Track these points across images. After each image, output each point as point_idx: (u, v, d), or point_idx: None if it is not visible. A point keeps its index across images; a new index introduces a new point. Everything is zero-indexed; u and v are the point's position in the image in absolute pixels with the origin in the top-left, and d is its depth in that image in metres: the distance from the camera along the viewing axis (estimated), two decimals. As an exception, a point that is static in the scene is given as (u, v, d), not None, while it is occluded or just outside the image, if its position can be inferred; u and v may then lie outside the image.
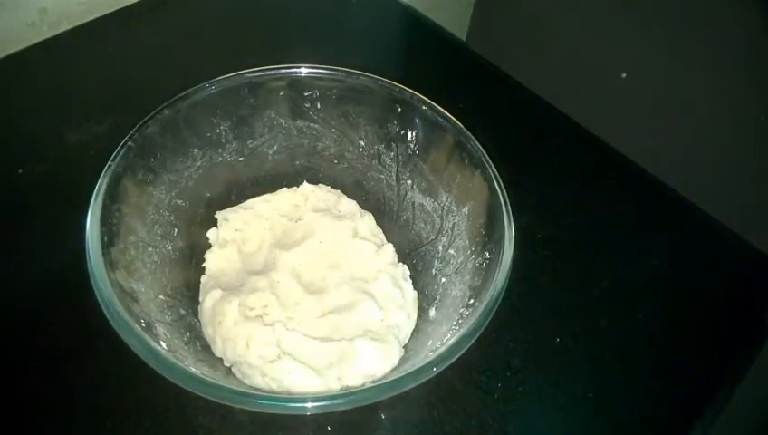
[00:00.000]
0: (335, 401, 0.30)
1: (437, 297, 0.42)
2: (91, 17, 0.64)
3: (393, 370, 0.38)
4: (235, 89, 0.43)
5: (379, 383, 0.31)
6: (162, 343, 0.33)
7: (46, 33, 0.62)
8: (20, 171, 0.51)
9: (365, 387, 0.31)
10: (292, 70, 0.44)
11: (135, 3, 0.66)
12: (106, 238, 0.34)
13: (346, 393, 0.30)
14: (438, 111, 0.43)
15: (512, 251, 0.36)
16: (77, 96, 0.58)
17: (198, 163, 0.44)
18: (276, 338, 0.38)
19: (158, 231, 0.41)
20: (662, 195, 0.56)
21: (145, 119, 0.40)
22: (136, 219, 0.39)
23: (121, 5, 0.66)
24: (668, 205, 0.55)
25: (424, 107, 0.43)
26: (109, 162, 0.37)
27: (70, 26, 0.63)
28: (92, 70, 0.61)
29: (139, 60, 0.62)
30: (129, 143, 0.38)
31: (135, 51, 0.63)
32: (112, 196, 0.36)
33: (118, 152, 0.38)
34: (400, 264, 0.45)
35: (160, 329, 0.35)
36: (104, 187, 0.36)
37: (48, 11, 0.62)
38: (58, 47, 0.62)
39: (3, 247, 0.46)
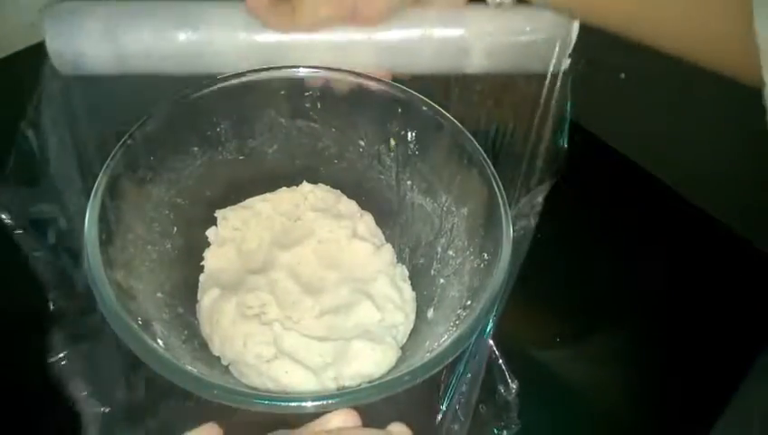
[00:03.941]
0: (332, 401, 0.30)
1: (435, 298, 0.41)
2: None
3: (390, 370, 0.38)
4: (235, 88, 0.43)
5: (375, 383, 0.31)
6: (159, 341, 0.33)
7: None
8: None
9: (362, 387, 0.31)
10: (292, 69, 0.44)
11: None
12: (104, 236, 0.34)
13: (342, 393, 0.30)
14: (438, 112, 0.42)
15: (510, 252, 0.35)
16: (76, 95, 0.58)
17: (198, 162, 0.44)
18: (274, 337, 0.38)
19: (157, 229, 0.41)
20: (663, 195, 0.56)
21: (144, 117, 0.40)
22: (135, 218, 0.39)
23: (122, 5, 0.66)
24: (669, 205, 0.55)
25: (424, 107, 0.43)
26: (108, 160, 0.37)
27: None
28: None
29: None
30: (129, 142, 0.38)
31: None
32: (111, 194, 0.36)
33: (117, 151, 0.37)
34: (399, 264, 0.45)
35: (158, 327, 0.35)
36: (103, 185, 0.36)
37: (49, 10, 0.62)
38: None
39: (2, 247, 0.46)
